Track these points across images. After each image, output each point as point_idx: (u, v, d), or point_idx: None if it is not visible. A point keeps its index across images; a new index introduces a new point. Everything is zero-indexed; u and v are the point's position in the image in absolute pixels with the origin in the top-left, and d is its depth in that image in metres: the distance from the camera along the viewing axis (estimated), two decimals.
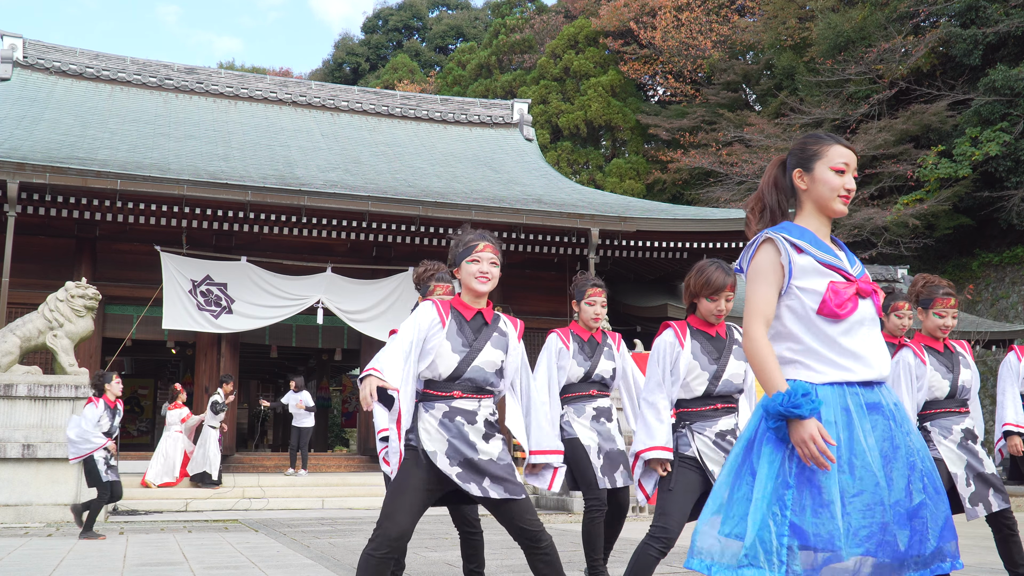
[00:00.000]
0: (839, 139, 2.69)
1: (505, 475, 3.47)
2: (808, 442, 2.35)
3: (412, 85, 43.87)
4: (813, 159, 2.66)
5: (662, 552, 3.74)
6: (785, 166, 2.76)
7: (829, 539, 2.35)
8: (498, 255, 3.62)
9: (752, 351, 2.55)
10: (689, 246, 16.41)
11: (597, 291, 5.06)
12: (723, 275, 3.94)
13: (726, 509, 2.51)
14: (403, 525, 3.37)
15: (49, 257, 15.24)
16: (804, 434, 2.35)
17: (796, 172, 2.70)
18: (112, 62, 20.67)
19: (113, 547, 7.93)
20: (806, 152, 2.69)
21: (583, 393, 4.99)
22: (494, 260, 3.58)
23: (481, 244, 3.58)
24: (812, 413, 2.35)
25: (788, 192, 2.73)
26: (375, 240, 15.60)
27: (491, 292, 3.66)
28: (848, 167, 2.64)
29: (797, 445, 2.37)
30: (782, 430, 2.41)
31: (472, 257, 3.56)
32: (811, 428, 2.35)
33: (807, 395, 2.36)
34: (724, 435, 3.93)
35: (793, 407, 2.36)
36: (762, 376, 2.51)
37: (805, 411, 2.35)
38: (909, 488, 2.47)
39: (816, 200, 2.66)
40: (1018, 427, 5.48)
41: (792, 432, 2.38)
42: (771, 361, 2.51)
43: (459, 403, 3.49)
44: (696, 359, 3.94)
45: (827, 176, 2.63)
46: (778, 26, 31.34)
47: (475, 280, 3.55)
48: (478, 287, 3.55)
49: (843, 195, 2.63)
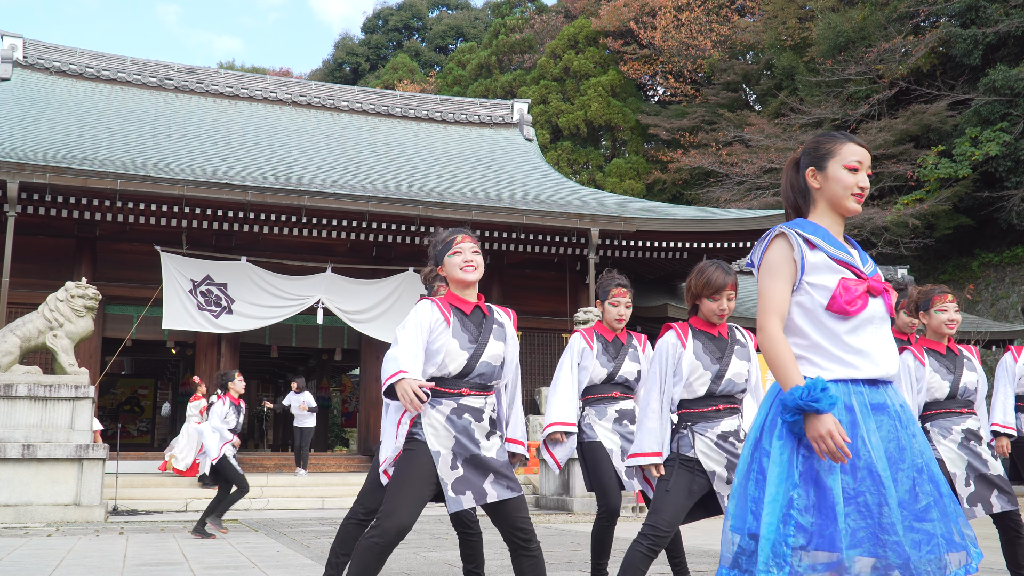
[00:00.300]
0: (852, 137, 2.67)
1: (506, 471, 3.49)
2: (826, 437, 2.33)
3: (412, 85, 43.88)
4: (826, 158, 2.64)
5: (652, 550, 3.73)
6: (799, 165, 2.74)
7: (831, 540, 2.34)
8: (478, 245, 3.64)
9: (767, 347, 2.53)
10: (689, 246, 16.42)
11: (622, 291, 4.93)
12: (723, 275, 3.94)
13: (739, 509, 2.52)
14: (405, 519, 3.37)
15: (49, 257, 15.24)
16: (822, 429, 2.34)
17: (809, 171, 2.68)
18: (112, 62, 20.68)
19: (113, 547, 7.93)
20: (819, 151, 2.66)
21: (605, 395, 4.88)
22: (476, 249, 3.61)
23: (459, 236, 3.62)
24: (830, 408, 2.34)
25: (802, 192, 2.72)
26: (375, 240, 15.60)
27: (491, 292, 3.66)
28: (862, 165, 2.61)
29: (813, 440, 2.36)
30: (799, 424, 2.39)
31: (453, 250, 3.59)
32: (829, 423, 2.33)
33: (825, 390, 2.35)
34: (726, 436, 3.92)
35: (812, 401, 2.34)
36: (778, 371, 2.49)
37: (824, 405, 2.33)
38: (915, 490, 2.44)
39: (830, 198, 2.64)
40: (1005, 427, 5.49)
41: (809, 427, 2.37)
42: (787, 356, 2.49)
43: (467, 400, 3.50)
44: (698, 359, 3.94)
45: (840, 174, 2.61)
46: (778, 26, 31.35)
47: (461, 271, 3.57)
48: (466, 276, 3.57)
49: (856, 193, 2.61)
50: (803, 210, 2.71)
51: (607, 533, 4.74)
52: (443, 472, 3.41)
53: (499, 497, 3.44)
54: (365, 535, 3.40)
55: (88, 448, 10.92)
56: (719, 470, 3.88)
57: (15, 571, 6.30)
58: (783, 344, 2.51)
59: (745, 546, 2.47)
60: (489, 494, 3.43)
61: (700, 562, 6.53)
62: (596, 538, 4.77)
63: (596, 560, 4.77)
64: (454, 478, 3.42)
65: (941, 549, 2.40)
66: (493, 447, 3.51)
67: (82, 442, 11.00)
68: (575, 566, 6.41)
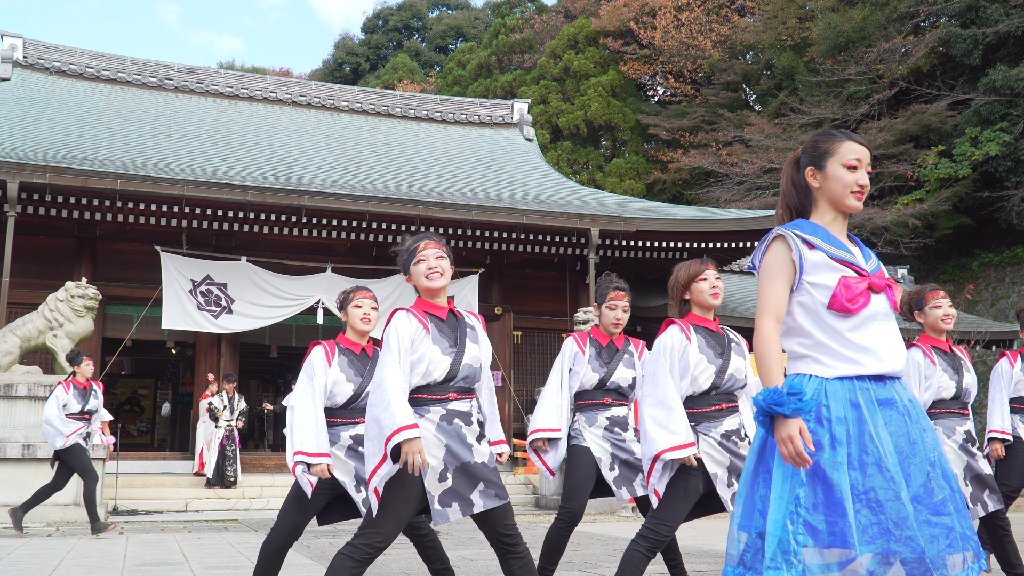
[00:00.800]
0: (851, 135, 2.67)
1: (495, 479, 3.47)
2: (785, 441, 2.35)
3: (412, 85, 43.87)
4: (825, 156, 2.65)
5: (651, 551, 3.73)
6: (799, 164, 2.75)
7: (843, 536, 2.34)
8: (442, 249, 3.60)
9: (757, 345, 2.56)
10: (689, 246, 16.41)
11: (619, 295, 4.84)
12: (698, 261, 4.07)
13: (746, 507, 2.52)
14: (389, 537, 3.39)
15: (49, 257, 15.24)
16: (783, 432, 2.35)
17: (808, 170, 2.69)
18: (112, 62, 20.68)
19: (113, 547, 7.93)
20: (818, 150, 2.67)
21: (596, 401, 4.75)
22: (440, 255, 3.56)
23: (422, 243, 3.58)
24: (794, 412, 2.34)
25: (803, 191, 2.72)
26: (375, 240, 15.60)
27: (491, 292, 3.66)
28: (861, 163, 2.62)
29: (777, 442, 2.38)
30: (767, 424, 2.41)
31: (417, 258, 3.56)
32: (791, 427, 2.34)
33: (796, 394, 2.35)
34: (729, 436, 3.91)
35: (775, 404, 2.35)
36: (762, 370, 2.52)
37: (787, 409, 2.34)
38: (930, 484, 2.43)
39: (830, 197, 2.65)
40: (1003, 433, 5.48)
41: (775, 429, 2.38)
42: (773, 356, 2.51)
43: (455, 405, 3.48)
44: (703, 352, 3.94)
45: (839, 173, 2.62)
46: (778, 26, 31.34)
47: (426, 278, 3.53)
48: (431, 284, 3.54)
49: (856, 191, 2.62)
50: (805, 209, 2.72)
51: (563, 537, 4.60)
52: (431, 485, 3.38)
53: (486, 507, 3.42)
54: (341, 551, 3.38)
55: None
56: (720, 472, 3.86)
57: (15, 571, 6.29)
58: (772, 345, 2.53)
59: (752, 544, 2.47)
60: (476, 504, 3.41)
61: (700, 562, 6.52)
62: (550, 540, 4.61)
63: (544, 564, 4.58)
64: (441, 490, 3.39)
65: (959, 544, 2.40)
66: (484, 452, 3.49)
67: None
68: (575, 566, 6.41)
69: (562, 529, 4.59)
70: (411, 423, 3.27)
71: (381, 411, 3.31)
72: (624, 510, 12.33)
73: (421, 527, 4.45)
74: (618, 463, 4.69)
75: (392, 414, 3.27)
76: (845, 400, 2.47)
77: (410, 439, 3.23)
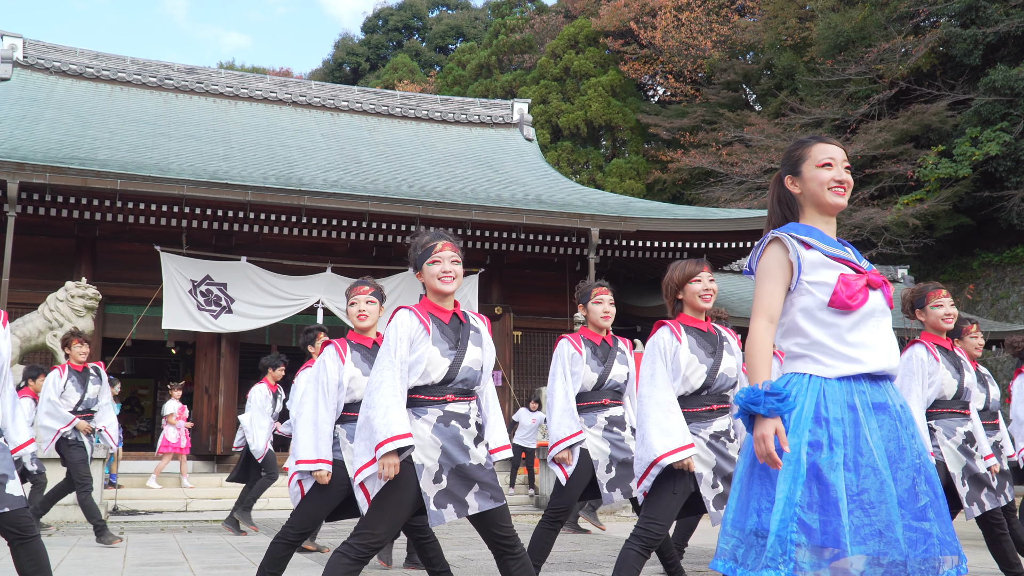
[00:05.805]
0: (823, 137, 2.74)
1: (491, 481, 3.46)
2: (758, 440, 2.38)
3: (412, 85, 43.86)
4: (800, 162, 2.71)
5: (645, 550, 3.74)
6: (781, 179, 2.80)
7: (835, 536, 2.36)
8: (458, 252, 3.60)
9: (748, 344, 2.59)
10: (689, 246, 16.41)
11: (603, 290, 4.93)
12: (694, 262, 4.07)
13: (740, 504, 2.53)
14: (383, 537, 3.39)
15: (49, 257, 15.24)
16: (757, 431, 2.39)
17: (788, 179, 2.75)
18: (112, 62, 20.68)
19: (113, 547, 7.93)
20: (792, 157, 2.74)
21: (595, 402, 4.78)
22: (455, 258, 3.56)
23: (440, 244, 3.56)
24: (771, 412, 2.37)
25: (790, 202, 2.77)
26: (375, 240, 15.60)
27: (491, 292, 3.66)
28: (835, 160, 2.67)
29: (754, 441, 2.41)
30: (748, 424, 2.44)
31: (433, 258, 3.54)
32: (766, 427, 2.37)
33: (774, 394, 2.37)
34: (718, 436, 3.94)
35: (752, 403, 2.38)
36: (749, 368, 2.55)
37: (763, 408, 2.37)
38: (915, 489, 2.47)
39: (811, 198, 2.69)
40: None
41: (753, 427, 2.42)
42: (760, 356, 2.53)
43: (453, 407, 3.47)
44: (694, 353, 3.95)
45: (815, 172, 2.67)
46: (778, 26, 31.34)
47: (439, 281, 3.53)
48: (443, 287, 3.53)
49: (834, 186, 2.66)
50: (792, 220, 2.76)
51: (550, 536, 4.61)
52: (426, 486, 3.38)
53: (481, 509, 3.42)
54: (338, 549, 3.39)
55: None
56: (706, 473, 3.87)
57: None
58: (761, 345, 2.55)
59: (745, 541, 2.48)
60: (471, 506, 3.41)
61: (700, 562, 6.53)
62: (537, 539, 4.60)
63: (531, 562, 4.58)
64: (436, 491, 3.39)
65: (936, 549, 2.43)
66: (481, 455, 3.48)
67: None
68: (575, 566, 6.41)
69: (549, 529, 4.61)
70: (404, 432, 3.27)
71: (374, 413, 3.31)
72: (624, 510, 12.32)
73: (424, 530, 4.46)
74: (616, 464, 4.71)
75: (388, 421, 3.27)
76: (843, 402, 2.49)
77: (393, 451, 3.25)
